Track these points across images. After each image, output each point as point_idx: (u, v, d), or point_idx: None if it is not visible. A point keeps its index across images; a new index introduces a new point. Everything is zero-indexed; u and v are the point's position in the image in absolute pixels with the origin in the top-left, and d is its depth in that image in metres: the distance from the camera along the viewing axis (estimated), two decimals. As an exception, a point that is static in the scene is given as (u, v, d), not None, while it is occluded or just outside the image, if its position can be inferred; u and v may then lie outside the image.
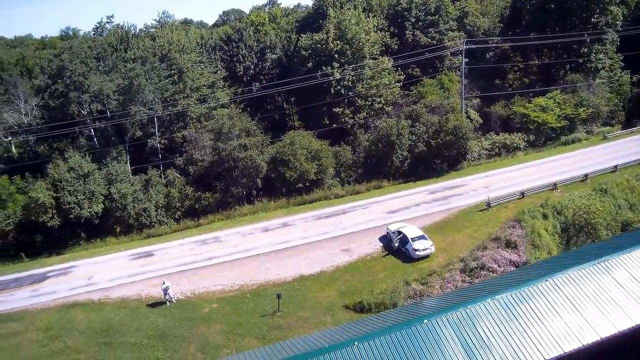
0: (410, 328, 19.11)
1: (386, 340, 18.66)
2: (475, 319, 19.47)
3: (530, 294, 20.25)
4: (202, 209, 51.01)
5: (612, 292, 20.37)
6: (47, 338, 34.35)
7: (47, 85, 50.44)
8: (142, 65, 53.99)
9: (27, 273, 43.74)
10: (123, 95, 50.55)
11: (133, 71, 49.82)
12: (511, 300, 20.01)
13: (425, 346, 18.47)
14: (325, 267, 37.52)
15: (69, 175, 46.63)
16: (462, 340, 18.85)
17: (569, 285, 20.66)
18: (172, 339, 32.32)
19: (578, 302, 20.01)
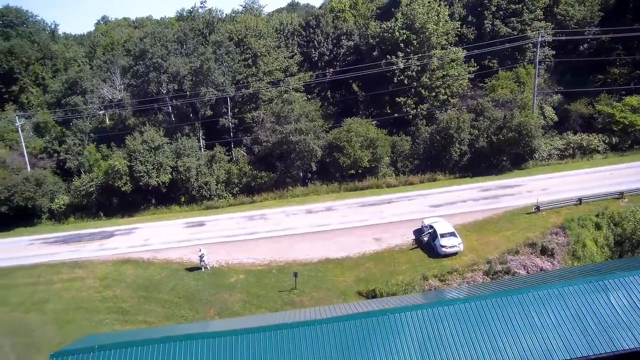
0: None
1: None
2: (432, 319, 19.34)
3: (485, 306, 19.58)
4: (258, 186, 53.70)
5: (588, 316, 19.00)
6: (102, 286, 39.15)
7: (131, 66, 56.02)
8: (217, 49, 57.62)
9: (100, 230, 49.68)
10: (195, 76, 54.46)
11: (203, 55, 53.42)
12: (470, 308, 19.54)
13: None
14: (352, 253, 38.08)
15: (142, 147, 51.62)
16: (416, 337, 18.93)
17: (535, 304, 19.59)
18: (197, 301, 35.21)
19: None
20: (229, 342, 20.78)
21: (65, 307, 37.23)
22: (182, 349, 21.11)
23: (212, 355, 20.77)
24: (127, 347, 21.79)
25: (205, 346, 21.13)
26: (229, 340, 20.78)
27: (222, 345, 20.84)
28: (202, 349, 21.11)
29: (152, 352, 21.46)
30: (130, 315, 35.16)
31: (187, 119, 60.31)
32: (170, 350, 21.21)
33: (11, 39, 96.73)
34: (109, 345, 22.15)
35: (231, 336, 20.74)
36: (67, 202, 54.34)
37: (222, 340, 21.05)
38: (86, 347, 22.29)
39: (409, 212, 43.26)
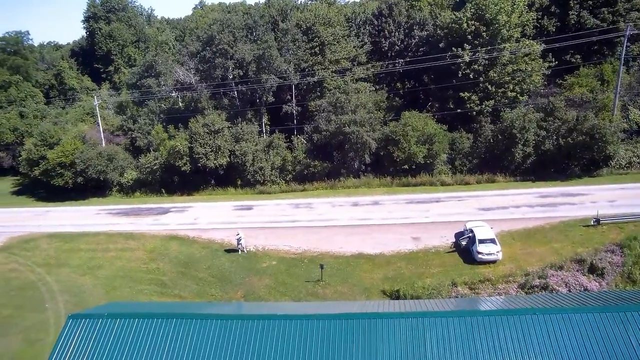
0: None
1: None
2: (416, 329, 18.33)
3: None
4: (310, 175, 53.90)
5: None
6: (148, 258, 41.58)
7: (199, 51, 58.29)
8: (284, 36, 58.24)
9: (158, 205, 52.71)
10: (258, 63, 55.50)
11: (266, 42, 54.21)
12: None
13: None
14: (386, 250, 37.02)
15: (202, 130, 53.72)
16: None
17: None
18: (227, 282, 36.22)
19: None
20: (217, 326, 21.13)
21: (115, 274, 40.02)
22: (185, 327, 21.72)
23: (208, 336, 21.32)
24: (134, 318, 22.86)
25: (201, 327, 21.71)
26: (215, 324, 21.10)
27: (215, 328, 21.23)
28: (200, 329, 21.70)
29: (156, 326, 22.32)
30: (167, 288, 36.97)
31: (252, 104, 61.83)
32: (174, 327, 21.93)
33: (112, 23, 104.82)
34: (119, 314, 23.35)
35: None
36: (134, 177, 58.15)
37: (219, 324, 21.43)
38: (99, 314, 23.69)
39: (456, 214, 41.12)
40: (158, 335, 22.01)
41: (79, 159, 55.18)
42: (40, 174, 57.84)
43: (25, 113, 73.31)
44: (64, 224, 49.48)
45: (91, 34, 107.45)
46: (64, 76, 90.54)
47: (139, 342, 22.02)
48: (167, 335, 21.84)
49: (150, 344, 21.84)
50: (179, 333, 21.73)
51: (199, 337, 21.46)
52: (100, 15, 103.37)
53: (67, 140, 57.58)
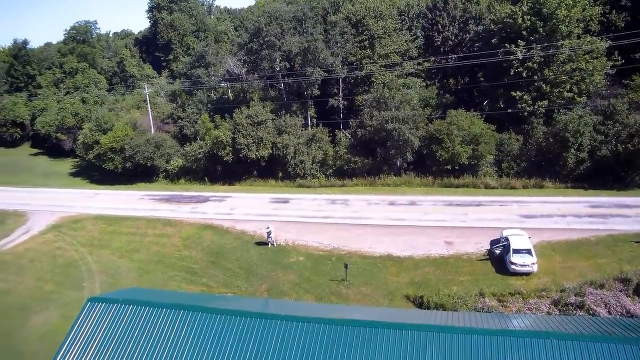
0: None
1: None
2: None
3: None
4: (351, 171, 53.07)
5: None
6: (182, 245, 42.51)
7: (245, 43, 58.64)
8: (332, 29, 57.46)
9: (199, 194, 53.82)
10: (304, 56, 55.10)
11: (312, 35, 53.63)
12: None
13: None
14: (416, 254, 35.71)
15: (246, 121, 54.14)
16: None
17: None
18: (254, 275, 36.28)
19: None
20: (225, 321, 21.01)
21: (149, 258, 41.23)
22: (189, 319, 21.88)
23: (210, 330, 21.32)
24: (145, 306, 23.26)
25: (205, 320, 21.73)
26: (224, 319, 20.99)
27: (221, 324, 21.14)
28: (203, 322, 21.75)
29: (165, 315, 22.59)
30: (196, 276, 37.59)
31: (299, 97, 61.62)
32: (180, 318, 22.12)
33: (174, 13, 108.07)
34: (132, 300, 23.82)
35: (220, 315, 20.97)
36: (180, 164, 59.65)
37: (224, 319, 21.34)
38: (115, 299, 24.29)
39: (495, 219, 38.97)
40: (165, 324, 22.26)
41: (128, 144, 57.31)
42: (94, 158, 60.66)
43: (87, 99, 77.04)
44: (110, 207, 51.62)
45: (154, 23, 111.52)
46: (125, 64, 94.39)
47: (147, 330, 22.38)
48: (172, 326, 22.05)
49: (157, 332, 22.14)
50: (183, 324, 21.90)
51: (202, 329, 21.49)
52: (163, 5, 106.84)
53: (119, 126, 59.96)
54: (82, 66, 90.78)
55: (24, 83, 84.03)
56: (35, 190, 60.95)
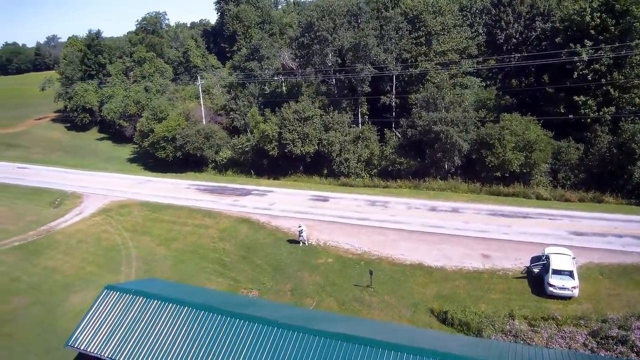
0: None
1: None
2: None
3: None
4: (396, 172, 51.40)
5: None
6: (218, 237, 43.06)
7: (297, 37, 58.15)
8: (386, 24, 55.77)
9: (242, 186, 54.30)
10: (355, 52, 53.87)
11: (362, 31, 52.21)
12: None
13: None
14: (448, 265, 33.83)
15: (292, 116, 53.84)
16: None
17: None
18: (280, 273, 36.00)
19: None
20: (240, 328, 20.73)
21: (185, 248, 42.11)
22: (191, 316, 21.96)
23: (209, 330, 21.20)
24: (154, 299, 23.57)
25: (204, 319, 21.65)
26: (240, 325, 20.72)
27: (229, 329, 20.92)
28: (202, 321, 21.68)
29: (170, 310, 22.81)
30: (226, 270, 37.91)
31: (351, 93, 60.51)
32: (187, 316, 22.19)
33: (240, 4, 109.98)
34: (144, 292, 24.23)
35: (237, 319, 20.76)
36: (229, 156, 60.51)
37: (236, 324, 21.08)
38: (130, 289, 24.81)
39: (541, 234, 36.10)
40: (169, 319, 22.51)
41: (179, 134, 58.86)
42: (148, 146, 62.93)
43: (149, 88, 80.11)
44: (157, 195, 53.28)
45: (222, 14, 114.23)
46: (190, 54, 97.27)
47: (152, 322, 22.74)
48: (176, 321, 22.21)
49: (160, 325, 22.46)
50: (186, 321, 22.09)
51: (203, 328, 21.49)
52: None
53: (173, 116, 61.71)
54: (150, 55, 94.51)
55: (95, 71, 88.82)
56: (95, 174, 64.27)
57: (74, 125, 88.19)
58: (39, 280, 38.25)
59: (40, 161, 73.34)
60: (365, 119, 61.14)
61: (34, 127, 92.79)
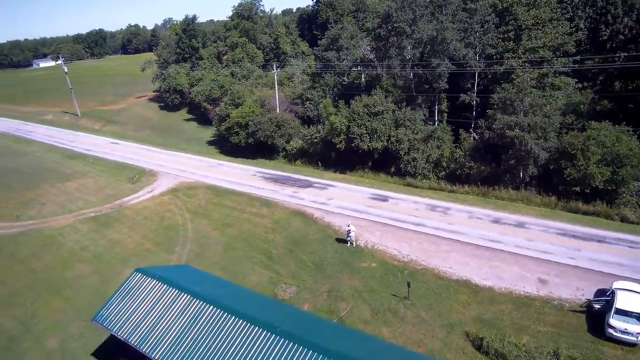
0: None
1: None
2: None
3: None
4: (465, 176, 48.19)
5: None
6: (271, 228, 43.35)
7: (374, 28, 56.06)
8: (470, 17, 52.07)
9: (305, 178, 54.09)
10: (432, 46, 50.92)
11: (441, 23, 49.01)
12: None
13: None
14: (498, 285, 30.99)
15: (362, 111, 52.38)
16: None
17: None
18: (321, 272, 35.34)
19: None
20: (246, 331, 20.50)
21: (238, 235, 42.86)
22: (213, 316, 21.96)
23: (213, 325, 21.13)
24: (173, 287, 24.06)
25: (211, 315, 21.58)
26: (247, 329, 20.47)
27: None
28: (210, 316, 21.64)
29: (188, 303, 23.09)
30: (271, 262, 37.99)
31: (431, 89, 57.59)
32: (201, 311, 22.34)
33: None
34: (166, 279, 24.81)
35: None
36: (299, 146, 60.54)
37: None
38: (156, 274, 25.55)
39: (614, 264, 31.76)
40: (184, 310, 22.72)
41: (252, 121, 59.85)
42: (224, 130, 64.87)
43: (236, 73, 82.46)
44: (224, 179, 54.81)
45: (317, 1, 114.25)
46: (279, 41, 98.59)
47: (168, 310, 23.11)
48: (190, 313, 22.38)
49: (174, 314, 22.72)
50: (198, 315, 22.17)
51: (213, 325, 21.41)
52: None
53: (249, 102, 62.87)
54: (242, 41, 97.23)
55: (188, 54, 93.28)
56: (174, 154, 67.70)
57: (166, 105, 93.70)
58: (102, 251, 41.01)
59: (131, 137, 78.91)
60: (442, 117, 58.07)
61: (133, 105, 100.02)
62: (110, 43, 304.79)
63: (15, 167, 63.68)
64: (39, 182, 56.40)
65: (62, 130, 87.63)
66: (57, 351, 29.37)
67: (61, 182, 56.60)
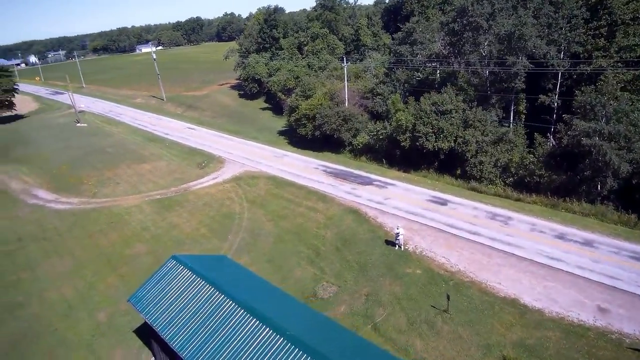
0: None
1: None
2: None
3: None
4: (534, 185, 44.78)
5: None
6: (322, 224, 43.32)
7: (448, 22, 53.22)
8: (557, 11, 47.98)
9: (367, 175, 53.16)
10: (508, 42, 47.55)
11: (519, 18, 45.45)
12: None
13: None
14: (549, 309, 28.48)
15: (429, 108, 50.34)
16: None
17: None
18: (364, 274, 34.69)
19: None
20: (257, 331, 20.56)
21: (291, 228, 43.19)
22: (233, 314, 22.09)
23: (230, 322, 21.33)
24: (200, 278, 24.63)
25: (232, 313, 21.77)
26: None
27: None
28: (231, 313, 21.85)
29: (212, 296, 23.53)
30: (317, 258, 37.93)
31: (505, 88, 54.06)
32: (222, 306, 22.64)
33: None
34: (196, 270, 25.44)
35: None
36: (365, 141, 59.60)
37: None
38: (187, 263, 26.29)
39: (693, 298, 28.02)
40: (207, 302, 23.19)
41: (319, 114, 59.75)
42: (293, 121, 65.44)
43: (312, 64, 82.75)
44: (286, 171, 55.41)
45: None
46: (360, 33, 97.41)
47: (192, 300, 23.73)
48: (212, 307, 22.78)
49: (196, 306, 23.27)
50: (218, 310, 22.43)
51: (232, 323, 21.61)
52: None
53: (318, 95, 62.78)
54: (323, 32, 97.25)
55: (269, 44, 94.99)
56: (243, 142, 69.60)
57: (244, 93, 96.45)
58: (160, 233, 43.20)
59: (207, 123, 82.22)
60: (520, 119, 54.36)
61: (215, 92, 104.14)
62: (207, 30, 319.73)
63: (101, 147, 69.00)
64: (118, 163, 60.62)
65: (146, 113, 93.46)
66: (106, 324, 31.47)
67: (137, 163, 60.39)
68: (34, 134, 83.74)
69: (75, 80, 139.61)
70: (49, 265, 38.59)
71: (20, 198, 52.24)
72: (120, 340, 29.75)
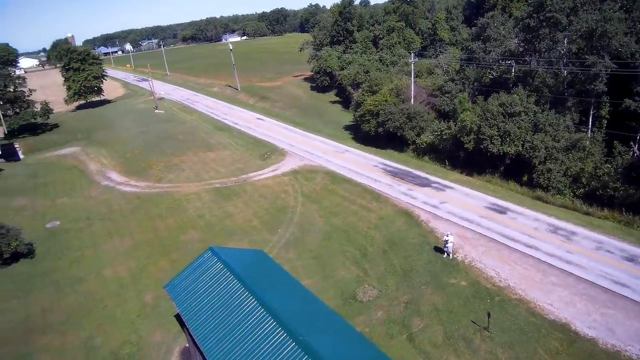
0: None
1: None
2: None
3: None
4: (606, 198, 40.97)
5: None
6: (373, 224, 42.62)
7: (523, 18, 49.58)
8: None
9: (426, 176, 51.67)
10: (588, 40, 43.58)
11: (603, 13, 41.36)
12: None
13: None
14: (604, 339, 25.93)
15: (496, 110, 47.58)
16: None
17: None
18: (406, 281, 33.72)
19: None
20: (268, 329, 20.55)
21: (341, 226, 42.87)
22: (255, 313, 21.99)
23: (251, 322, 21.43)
24: (230, 273, 24.96)
25: (256, 313, 21.90)
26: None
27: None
28: (254, 313, 21.99)
29: (238, 292, 23.72)
30: (363, 260, 37.32)
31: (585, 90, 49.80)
32: (247, 305, 22.74)
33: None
34: (229, 264, 25.77)
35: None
36: (429, 140, 57.63)
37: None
38: (220, 256, 26.68)
39: None
40: (232, 299, 23.46)
41: (383, 110, 58.54)
42: (358, 117, 64.71)
43: (384, 59, 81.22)
44: (345, 167, 55.05)
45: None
46: (437, 27, 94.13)
47: (219, 294, 24.14)
48: (235, 303, 23.01)
49: (222, 301, 23.63)
50: (241, 308, 22.62)
51: (254, 323, 21.65)
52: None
53: (384, 91, 61.51)
54: (400, 25, 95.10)
55: (342, 37, 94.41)
56: (307, 135, 69.99)
57: (316, 86, 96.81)
58: (214, 221, 44.61)
59: (276, 115, 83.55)
60: (601, 125, 49.89)
61: (288, 83, 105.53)
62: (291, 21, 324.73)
63: (173, 133, 72.48)
64: (186, 150, 63.37)
65: (220, 102, 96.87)
66: (150, 306, 33.11)
67: (203, 151, 62.76)
68: (116, 118, 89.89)
69: (162, 67, 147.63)
70: (110, 244, 41.26)
71: (95, 179, 56.32)
72: (162, 324, 31.17)
